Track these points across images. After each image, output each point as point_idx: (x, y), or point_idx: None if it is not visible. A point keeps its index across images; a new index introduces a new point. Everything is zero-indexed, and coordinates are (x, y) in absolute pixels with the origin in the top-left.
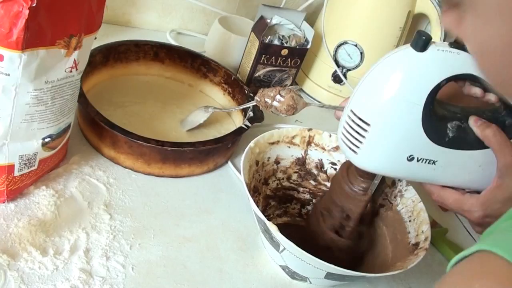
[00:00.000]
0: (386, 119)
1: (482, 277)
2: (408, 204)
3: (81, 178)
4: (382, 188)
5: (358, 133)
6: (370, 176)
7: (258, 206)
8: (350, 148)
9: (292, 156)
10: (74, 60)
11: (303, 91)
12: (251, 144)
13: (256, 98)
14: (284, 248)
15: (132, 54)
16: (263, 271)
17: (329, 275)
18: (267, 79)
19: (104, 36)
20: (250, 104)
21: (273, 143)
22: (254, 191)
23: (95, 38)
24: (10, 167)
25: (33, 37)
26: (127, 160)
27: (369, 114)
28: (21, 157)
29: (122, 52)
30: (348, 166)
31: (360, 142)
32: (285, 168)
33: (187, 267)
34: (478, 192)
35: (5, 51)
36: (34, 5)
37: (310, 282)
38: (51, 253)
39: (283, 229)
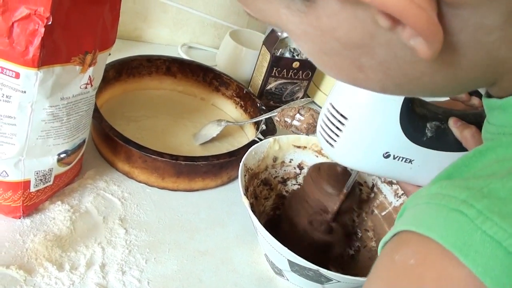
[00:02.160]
0: (363, 113)
1: (399, 249)
2: None
3: (96, 193)
4: (356, 190)
5: (336, 126)
6: (339, 179)
7: (267, 200)
8: (327, 141)
9: None
10: (89, 76)
11: (315, 103)
12: (271, 139)
13: (276, 118)
14: (257, 229)
15: (144, 69)
16: (278, 285)
17: (293, 266)
18: (279, 92)
19: (116, 51)
20: (263, 117)
21: (299, 147)
22: (265, 183)
23: (109, 54)
24: (26, 183)
25: (49, 55)
26: (141, 175)
27: (347, 108)
28: (37, 173)
29: (134, 67)
30: (318, 167)
31: (337, 135)
32: None
33: (203, 281)
34: None
35: (22, 68)
36: (50, 23)
37: (287, 279)
38: (67, 268)
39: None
